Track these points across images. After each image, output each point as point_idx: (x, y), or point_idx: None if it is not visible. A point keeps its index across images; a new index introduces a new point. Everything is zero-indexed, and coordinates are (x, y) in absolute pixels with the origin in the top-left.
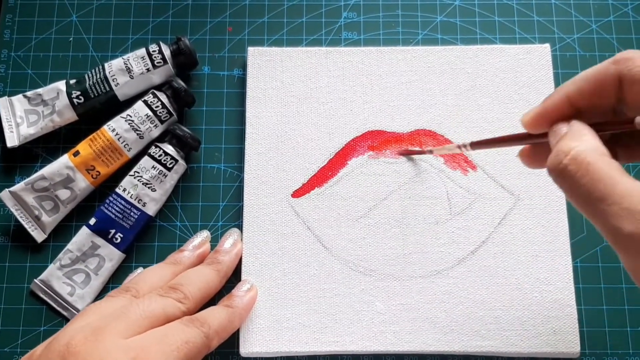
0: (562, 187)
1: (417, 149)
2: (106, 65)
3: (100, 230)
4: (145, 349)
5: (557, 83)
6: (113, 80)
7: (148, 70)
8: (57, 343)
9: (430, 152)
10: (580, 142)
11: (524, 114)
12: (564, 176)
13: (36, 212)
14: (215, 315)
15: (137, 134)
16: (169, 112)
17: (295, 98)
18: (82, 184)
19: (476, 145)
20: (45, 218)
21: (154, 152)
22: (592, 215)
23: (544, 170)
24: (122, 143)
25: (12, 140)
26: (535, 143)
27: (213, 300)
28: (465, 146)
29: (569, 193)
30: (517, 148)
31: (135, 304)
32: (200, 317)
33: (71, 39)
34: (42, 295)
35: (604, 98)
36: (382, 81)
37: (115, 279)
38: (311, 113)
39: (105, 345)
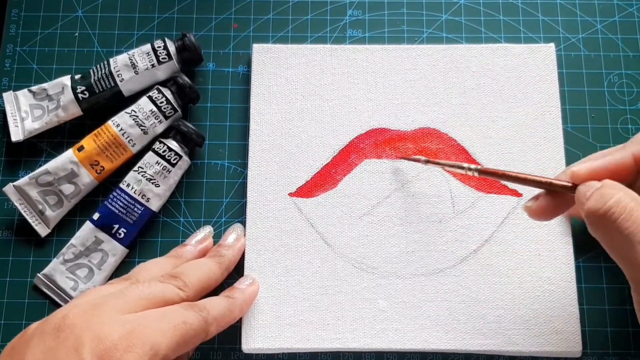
0: (602, 230)
1: (421, 158)
2: (111, 60)
3: (104, 225)
4: (143, 324)
5: (562, 83)
6: (118, 76)
7: (153, 66)
8: (54, 317)
9: (427, 162)
10: (622, 191)
11: (575, 165)
12: (607, 219)
13: (40, 207)
14: (215, 303)
15: (142, 130)
16: (173, 108)
17: (300, 95)
18: (86, 178)
19: (485, 173)
20: (49, 213)
21: (158, 148)
22: (631, 258)
23: (547, 170)
24: (126, 138)
25: (16, 135)
26: (555, 191)
27: (214, 294)
28: (471, 169)
29: (607, 237)
30: (524, 153)
31: (135, 286)
32: (200, 304)
33: (76, 34)
34: (45, 290)
35: None
36: (386, 79)
37: (118, 274)
38: (315, 110)
39: (102, 319)
